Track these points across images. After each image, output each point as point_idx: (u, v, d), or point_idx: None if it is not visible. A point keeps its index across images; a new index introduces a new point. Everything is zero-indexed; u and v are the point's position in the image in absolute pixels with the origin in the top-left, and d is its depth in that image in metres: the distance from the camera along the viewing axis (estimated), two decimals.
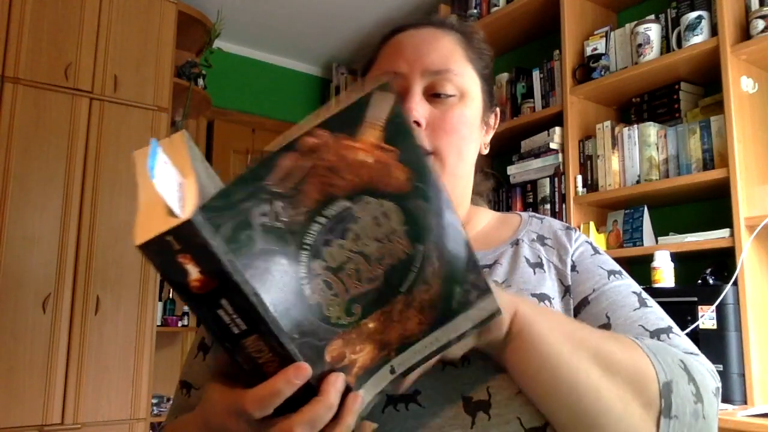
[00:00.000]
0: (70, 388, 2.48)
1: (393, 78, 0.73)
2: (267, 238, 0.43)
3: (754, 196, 1.85)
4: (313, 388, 0.45)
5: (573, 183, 2.32)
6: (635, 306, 0.70)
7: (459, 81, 0.73)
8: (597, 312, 0.71)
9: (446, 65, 0.73)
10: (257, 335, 0.43)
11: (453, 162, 0.72)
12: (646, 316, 0.70)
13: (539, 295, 0.71)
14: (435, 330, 0.49)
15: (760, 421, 1.52)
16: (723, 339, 1.74)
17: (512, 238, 0.78)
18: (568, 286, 0.73)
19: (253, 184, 0.42)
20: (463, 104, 0.73)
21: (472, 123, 0.75)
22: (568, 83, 2.35)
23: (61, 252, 2.52)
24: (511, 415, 0.60)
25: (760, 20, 1.86)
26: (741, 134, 1.86)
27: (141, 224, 0.39)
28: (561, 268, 0.74)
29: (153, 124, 2.82)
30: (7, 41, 2.51)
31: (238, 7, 3.35)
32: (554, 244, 0.77)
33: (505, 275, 0.73)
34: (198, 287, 0.40)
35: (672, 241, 2.03)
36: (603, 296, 0.71)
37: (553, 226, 0.80)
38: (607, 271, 0.74)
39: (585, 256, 0.76)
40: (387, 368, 0.49)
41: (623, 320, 0.69)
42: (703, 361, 0.66)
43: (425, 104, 0.71)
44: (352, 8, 3.37)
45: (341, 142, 0.43)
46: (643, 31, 2.17)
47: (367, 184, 0.45)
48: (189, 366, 0.76)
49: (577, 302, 0.72)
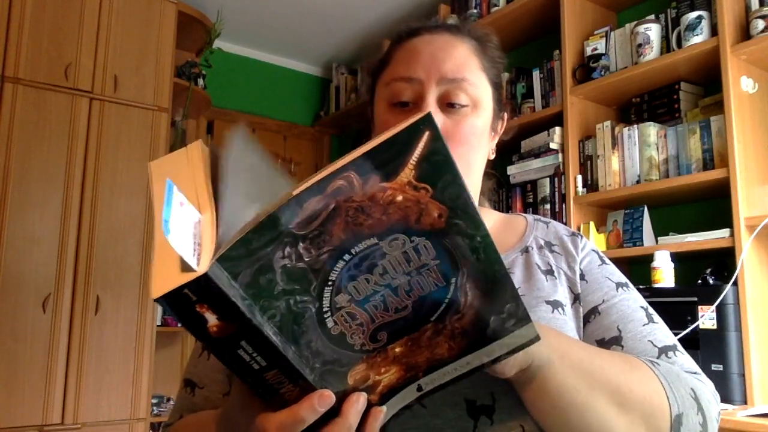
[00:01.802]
0: (70, 388, 2.48)
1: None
2: (288, 278, 0.41)
3: (754, 196, 1.85)
4: (334, 408, 0.45)
5: (573, 183, 2.32)
6: (644, 321, 0.72)
7: (473, 91, 0.73)
8: (608, 324, 0.72)
9: (462, 74, 0.73)
10: (278, 369, 0.43)
11: (463, 172, 0.72)
12: (654, 332, 0.71)
13: (553, 302, 0.71)
14: (466, 355, 0.48)
15: (760, 421, 1.52)
16: (723, 339, 1.74)
17: (521, 245, 0.78)
18: (577, 294, 0.74)
19: (276, 230, 0.39)
20: (475, 114, 0.74)
21: (482, 133, 0.75)
22: (568, 83, 2.35)
23: (61, 252, 2.51)
24: (514, 422, 0.60)
25: (760, 20, 1.86)
26: (741, 134, 1.86)
27: (157, 272, 0.38)
28: (570, 276, 0.75)
29: (153, 124, 2.81)
30: (7, 41, 2.51)
31: (238, 7, 3.35)
32: (561, 250, 0.78)
33: (520, 283, 0.73)
34: (217, 332, 0.40)
35: (672, 241, 2.03)
36: (613, 308, 0.72)
37: (558, 232, 0.81)
38: (615, 283, 0.75)
39: (593, 266, 0.77)
40: (414, 387, 0.49)
41: (633, 334, 0.70)
42: (706, 383, 0.68)
43: (439, 113, 0.72)
44: (352, 8, 3.37)
45: (371, 184, 0.41)
46: (643, 31, 2.17)
47: (397, 222, 0.42)
48: (194, 365, 0.76)
49: (586, 311, 0.73)
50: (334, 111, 3.93)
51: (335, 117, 3.90)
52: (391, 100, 0.74)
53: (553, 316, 0.71)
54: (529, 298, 0.72)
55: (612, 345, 0.70)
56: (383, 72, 0.78)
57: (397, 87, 0.74)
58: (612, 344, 0.70)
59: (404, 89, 0.73)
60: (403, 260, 0.44)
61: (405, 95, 0.73)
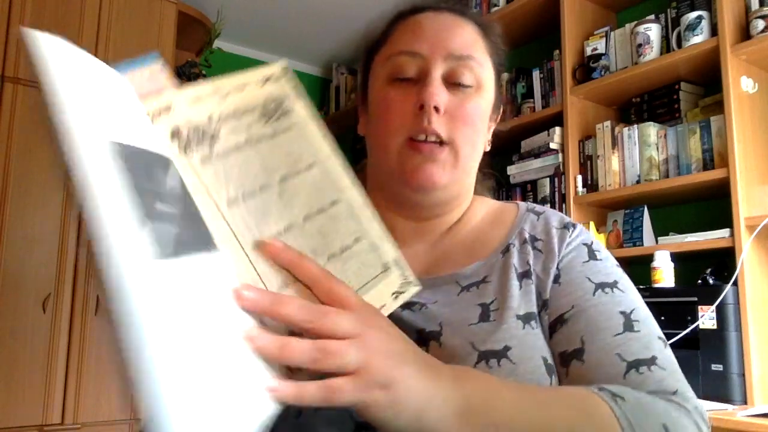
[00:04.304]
0: (70, 388, 2.48)
1: (413, 57, 0.70)
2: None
3: (754, 196, 1.85)
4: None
5: (573, 183, 2.32)
6: (617, 330, 0.63)
7: (479, 71, 0.70)
8: (571, 334, 0.64)
9: (469, 51, 0.70)
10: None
11: (467, 153, 0.70)
12: (627, 343, 0.62)
13: (524, 316, 0.66)
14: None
15: (760, 421, 1.52)
16: (723, 339, 1.74)
17: (503, 243, 0.73)
18: (545, 300, 0.68)
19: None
20: (479, 96, 0.71)
21: (484, 116, 0.73)
22: (568, 83, 2.35)
23: (61, 252, 2.51)
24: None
25: (760, 20, 1.86)
26: (741, 134, 1.86)
27: None
28: (542, 278, 0.69)
29: None
30: (7, 41, 2.51)
31: (238, 7, 3.35)
32: (544, 247, 0.71)
33: (495, 294, 0.68)
34: None
35: (672, 241, 2.03)
36: (582, 315, 0.65)
37: (549, 224, 0.74)
38: (596, 283, 0.67)
39: (574, 264, 0.69)
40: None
41: (599, 347, 0.63)
42: (687, 403, 0.59)
43: (444, 90, 0.68)
44: (352, 8, 3.37)
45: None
46: (643, 31, 2.17)
47: None
48: None
49: (552, 319, 0.67)
50: (334, 111, 3.94)
51: (335, 117, 3.90)
52: (392, 75, 0.70)
53: (525, 332, 0.65)
54: (501, 311, 0.66)
55: (572, 359, 0.63)
56: (382, 47, 0.74)
57: (400, 61, 0.70)
58: (572, 358, 0.63)
59: (407, 64, 0.69)
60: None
61: (408, 70, 0.69)
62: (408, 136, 0.68)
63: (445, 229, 0.76)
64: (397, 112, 0.68)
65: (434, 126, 0.67)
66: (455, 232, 0.76)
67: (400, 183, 0.70)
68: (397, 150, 0.69)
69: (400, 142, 0.68)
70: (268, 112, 0.53)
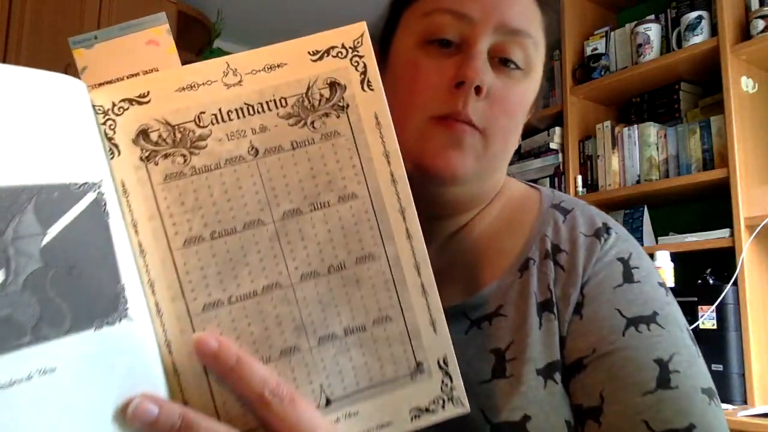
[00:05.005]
0: None
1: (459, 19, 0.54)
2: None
3: (754, 196, 1.85)
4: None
5: (573, 183, 2.32)
6: (647, 387, 0.49)
7: (532, 52, 0.57)
8: (589, 386, 0.51)
9: (526, 26, 0.56)
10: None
11: (499, 148, 0.57)
12: (659, 405, 0.48)
13: (546, 368, 0.52)
14: None
15: (760, 421, 1.52)
16: (723, 339, 1.74)
17: (521, 256, 0.58)
18: (562, 338, 0.54)
19: None
20: (527, 82, 0.58)
21: (526, 108, 0.60)
22: (568, 83, 2.36)
23: None
24: None
25: (760, 20, 1.86)
26: (741, 134, 1.86)
27: None
28: (561, 308, 0.54)
29: None
30: (7, 41, 2.51)
31: (238, 7, 3.35)
32: (567, 263, 0.56)
33: (511, 334, 0.54)
34: None
35: (672, 241, 2.03)
36: (605, 363, 0.51)
37: (576, 229, 0.58)
38: (628, 318, 0.52)
39: (602, 289, 0.54)
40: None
41: (621, 408, 0.49)
42: None
43: (489, 69, 0.54)
44: (352, 8, 3.37)
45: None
46: (643, 31, 2.17)
47: None
48: None
49: (569, 362, 0.53)
50: None
51: None
52: (427, 36, 0.56)
53: (547, 392, 0.51)
54: (519, 362, 0.52)
55: (588, 419, 0.50)
56: (414, 2, 0.58)
57: (441, 20, 0.55)
58: (588, 417, 0.50)
59: (449, 26, 0.55)
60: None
61: (449, 32, 0.55)
62: (433, 115, 0.54)
63: (455, 230, 0.61)
64: (426, 83, 0.54)
65: (469, 110, 0.53)
66: (466, 233, 0.61)
67: (414, 169, 0.53)
68: (417, 129, 0.54)
69: (423, 120, 0.54)
70: (308, 107, 0.39)
